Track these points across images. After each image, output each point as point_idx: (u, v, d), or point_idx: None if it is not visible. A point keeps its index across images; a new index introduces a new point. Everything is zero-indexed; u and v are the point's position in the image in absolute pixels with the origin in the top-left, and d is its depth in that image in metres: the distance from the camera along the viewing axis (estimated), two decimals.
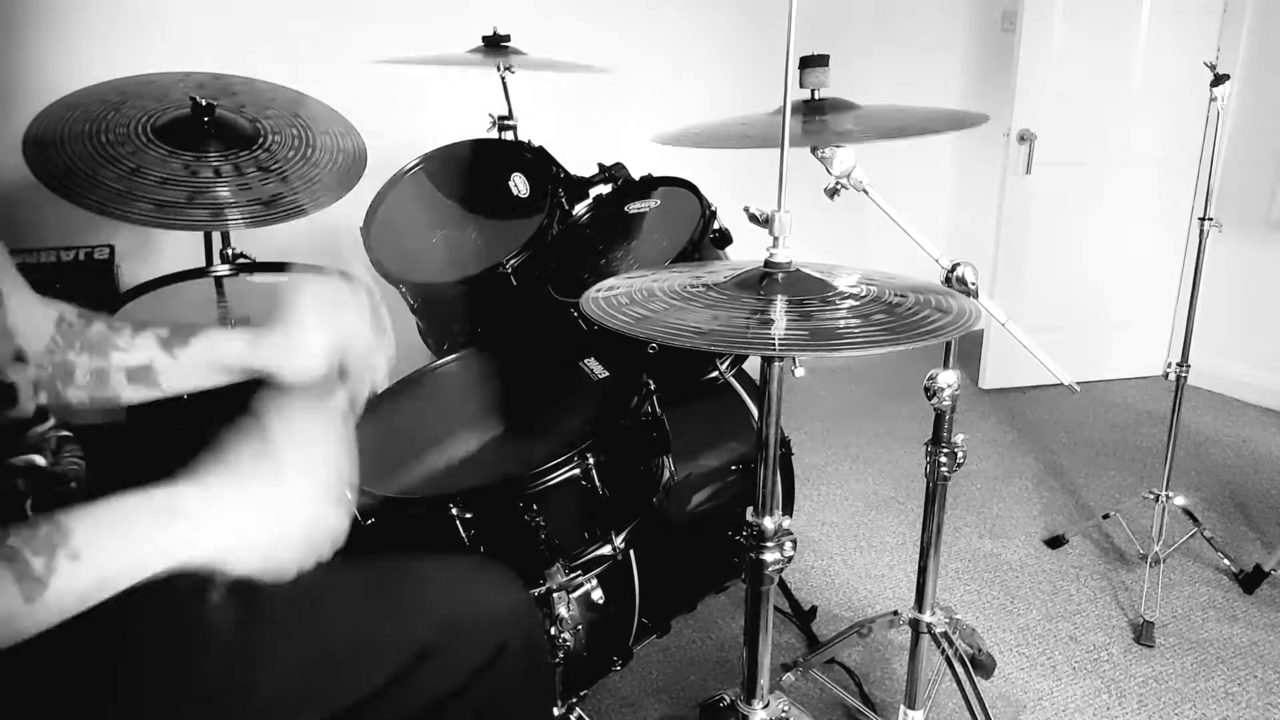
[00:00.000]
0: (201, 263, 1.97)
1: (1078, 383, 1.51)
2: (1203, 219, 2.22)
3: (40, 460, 0.89)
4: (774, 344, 0.94)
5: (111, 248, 2.38)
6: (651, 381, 1.50)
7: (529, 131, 2.13)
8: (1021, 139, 3.42)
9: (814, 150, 1.36)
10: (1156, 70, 3.42)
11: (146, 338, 0.99)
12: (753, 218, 1.17)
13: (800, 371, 1.08)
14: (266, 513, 0.80)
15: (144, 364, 0.99)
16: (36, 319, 0.95)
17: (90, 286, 2.28)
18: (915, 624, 1.62)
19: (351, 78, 2.12)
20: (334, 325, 0.98)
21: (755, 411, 1.84)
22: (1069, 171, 3.50)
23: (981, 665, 1.86)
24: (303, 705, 0.91)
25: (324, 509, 0.83)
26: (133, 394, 1.00)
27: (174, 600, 0.80)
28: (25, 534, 0.67)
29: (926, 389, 1.45)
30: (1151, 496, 2.34)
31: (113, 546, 0.72)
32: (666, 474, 1.54)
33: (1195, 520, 2.36)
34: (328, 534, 0.82)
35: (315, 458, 0.84)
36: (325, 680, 0.93)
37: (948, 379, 1.44)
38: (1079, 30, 3.36)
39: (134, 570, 0.72)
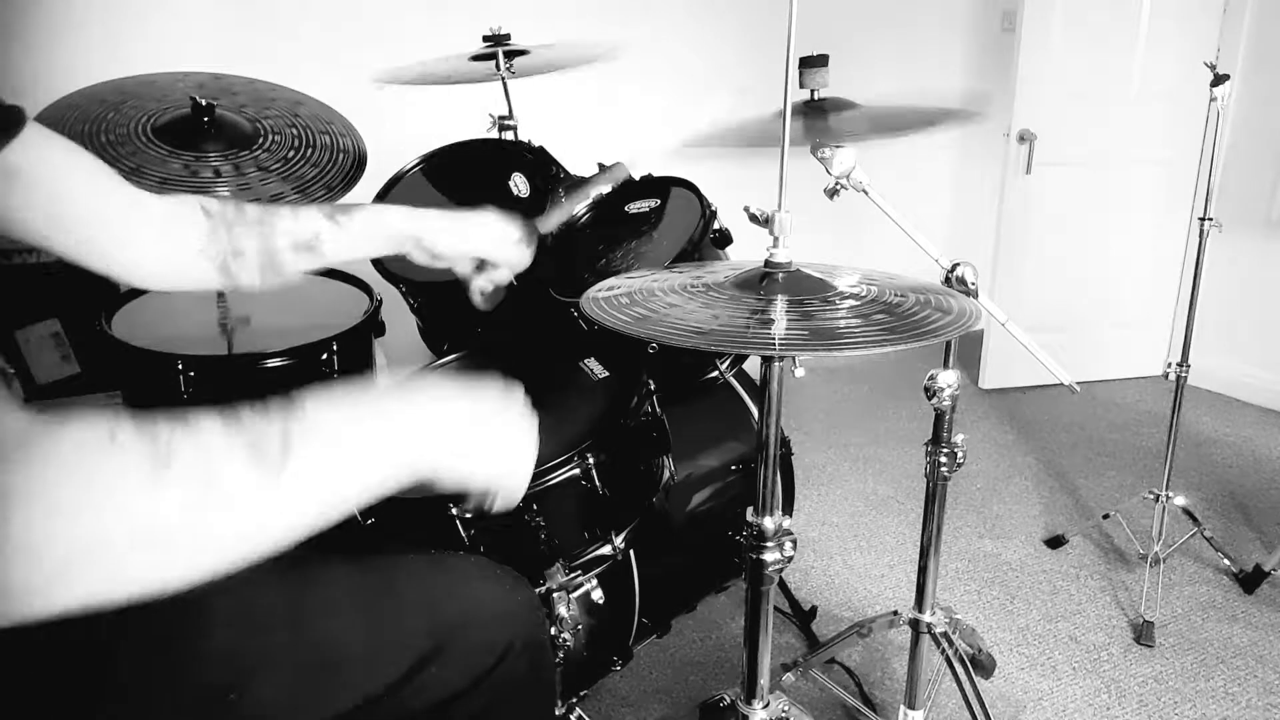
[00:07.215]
0: None
1: (1078, 383, 1.51)
2: (1203, 219, 2.22)
3: None
4: (774, 344, 0.94)
5: None
6: (651, 381, 1.50)
7: (529, 131, 2.13)
8: (1021, 139, 3.42)
9: (814, 151, 1.36)
10: (1156, 70, 3.42)
11: (310, 211, 1.06)
12: (753, 218, 1.17)
13: (800, 372, 1.08)
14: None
15: (311, 234, 1.05)
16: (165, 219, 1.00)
17: (90, 286, 2.27)
18: (915, 624, 1.62)
19: (352, 77, 2.12)
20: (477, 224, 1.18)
21: (755, 411, 1.84)
22: (1069, 171, 3.50)
23: (981, 665, 1.86)
24: (302, 708, 0.90)
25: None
26: (297, 263, 1.06)
27: (166, 605, 0.79)
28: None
29: (926, 389, 1.45)
30: (1151, 496, 2.34)
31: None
32: (666, 474, 1.54)
33: (1195, 520, 2.36)
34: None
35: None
36: (326, 683, 0.92)
37: (948, 379, 1.44)
38: (1079, 30, 3.35)
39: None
